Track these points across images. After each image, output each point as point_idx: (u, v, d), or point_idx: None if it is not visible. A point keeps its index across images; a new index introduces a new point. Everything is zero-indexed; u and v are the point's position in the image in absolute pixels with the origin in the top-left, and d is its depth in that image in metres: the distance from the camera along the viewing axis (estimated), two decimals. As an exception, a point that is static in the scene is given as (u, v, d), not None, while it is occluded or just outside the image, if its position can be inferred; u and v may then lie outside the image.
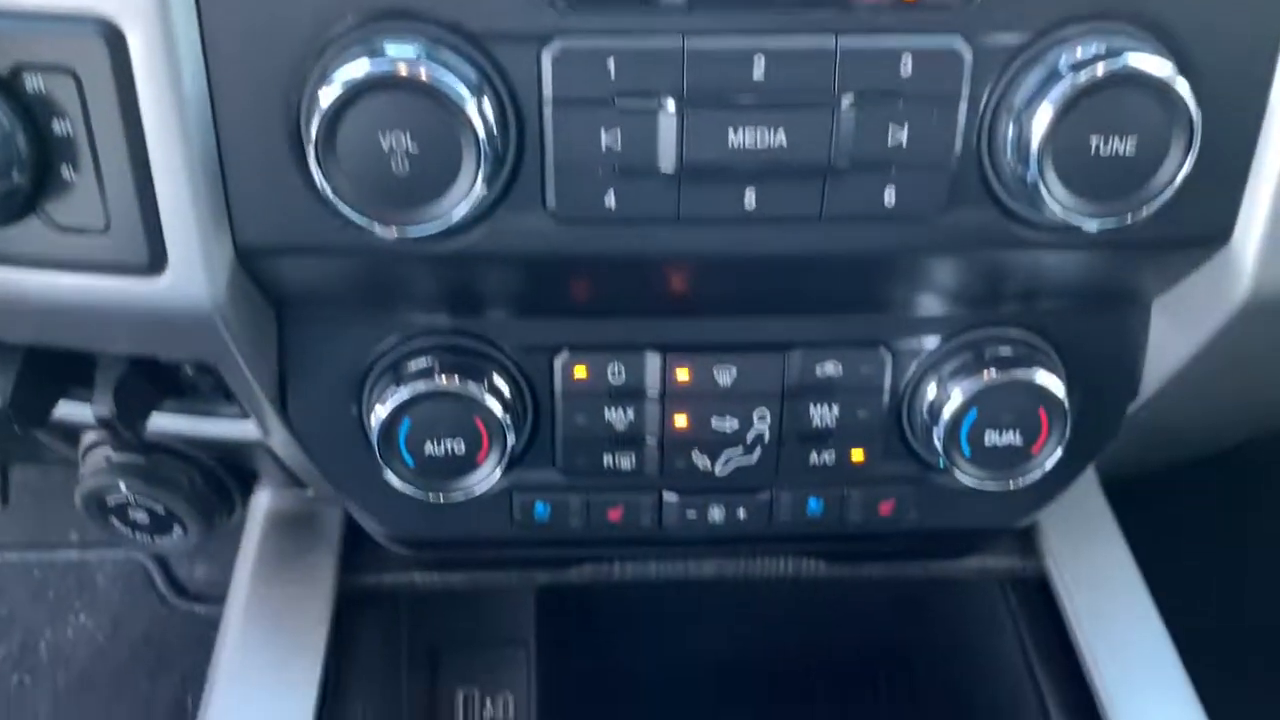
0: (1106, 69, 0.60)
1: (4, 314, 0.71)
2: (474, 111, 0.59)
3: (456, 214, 0.62)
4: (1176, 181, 0.63)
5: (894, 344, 0.79)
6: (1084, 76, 0.60)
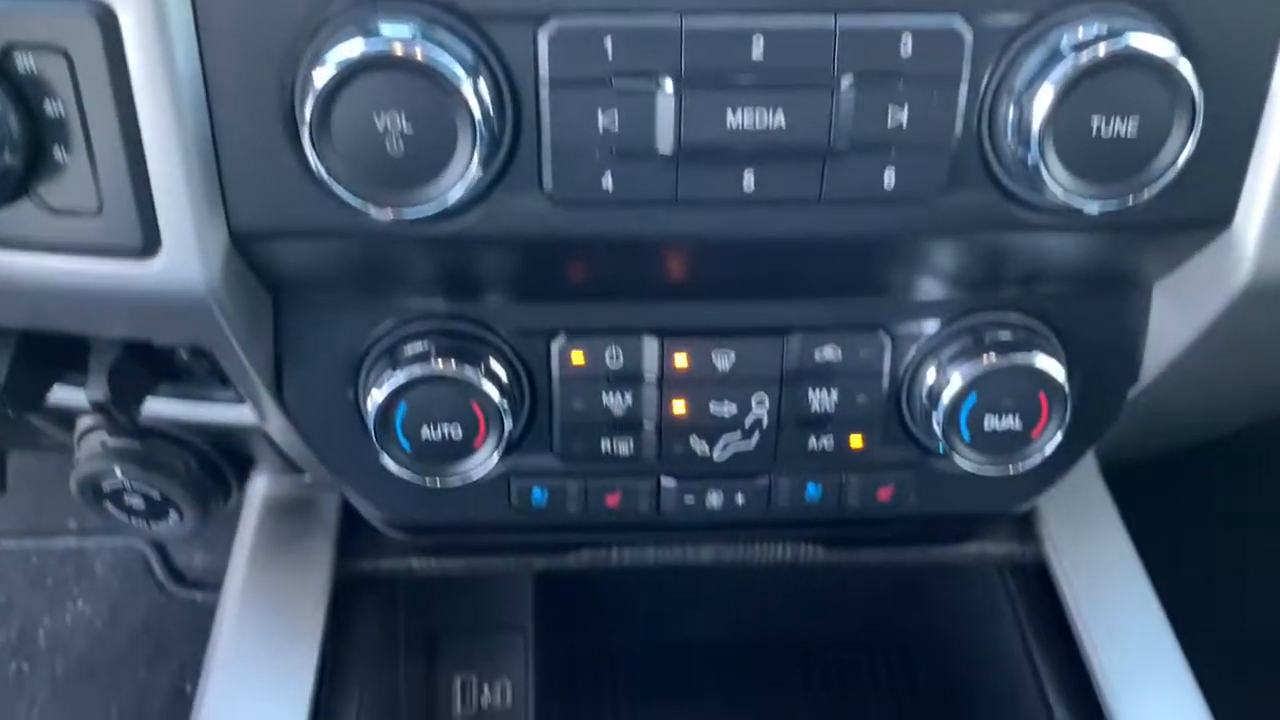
0: (1108, 49, 0.59)
1: (-3, 297, 0.71)
2: (469, 92, 0.59)
3: (452, 196, 0.61)
4: (1178, 163, 0.62)
5: (893, 328, 0.78)
6: (1085, 57, 0.59)
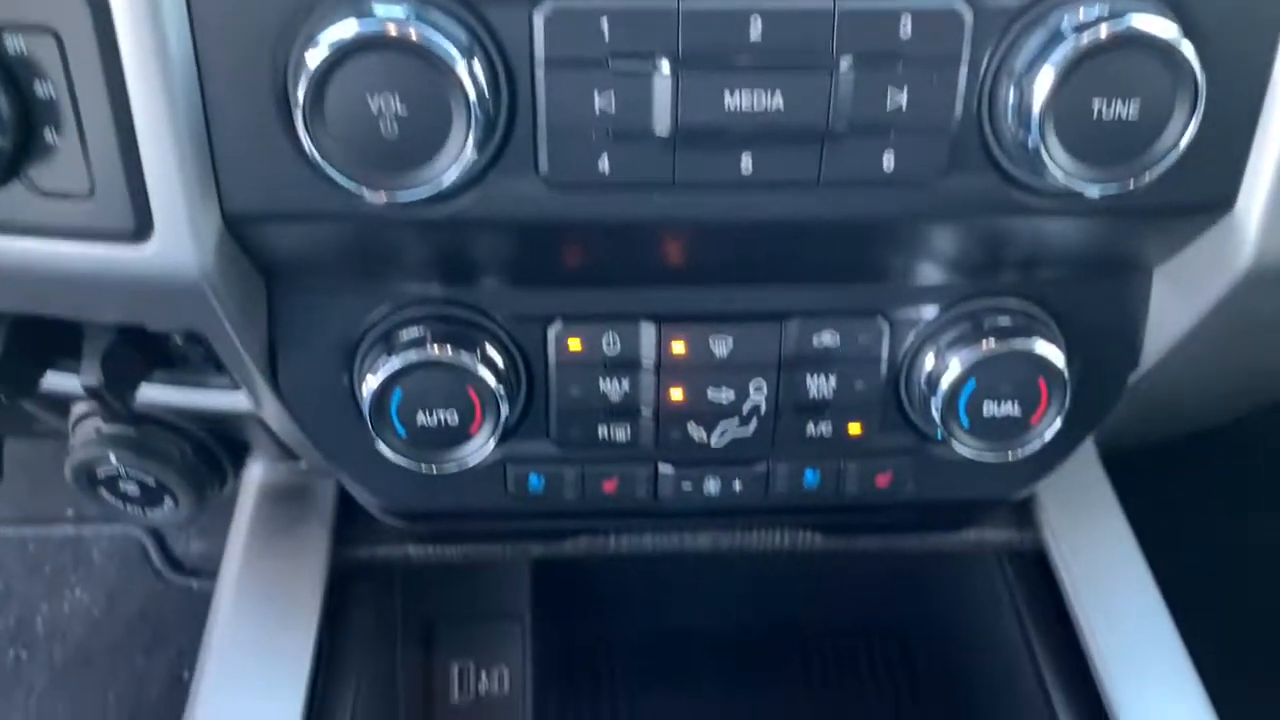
0: (1110, 30, 0.59)
1: (-12, 282, 0.70)
2: (464, 73, 0.58)
3: (447, 178, 0.61)
4: (1180, 146, 0.62)
5: (892, 314, 0.78)
6: (1087, 38, 0.59)
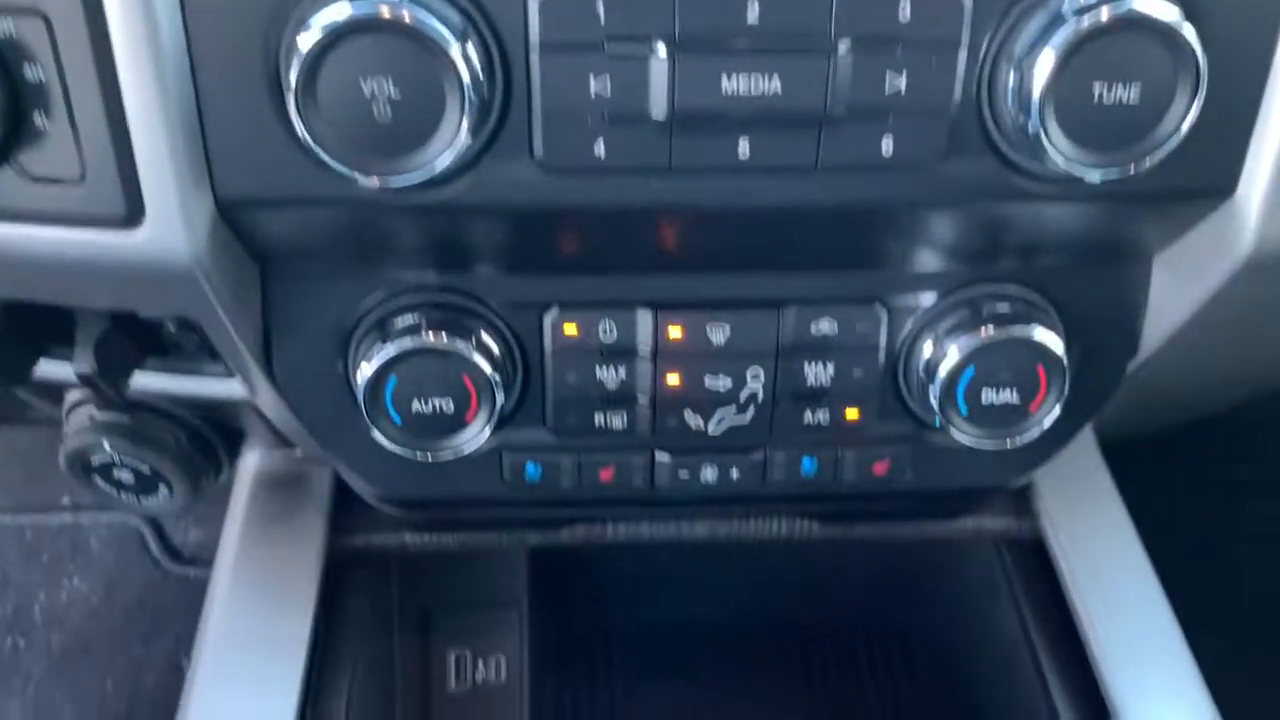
0: (1111, 13, 0.58)
1: (-21, 269, 0.70)
2: (458, 56, 0.57)
3: (440, 163, 0.60)
4: (1181, 131, 0.61)
5: (890, 301, 0.77)
6: (1087, 21, 0.58)
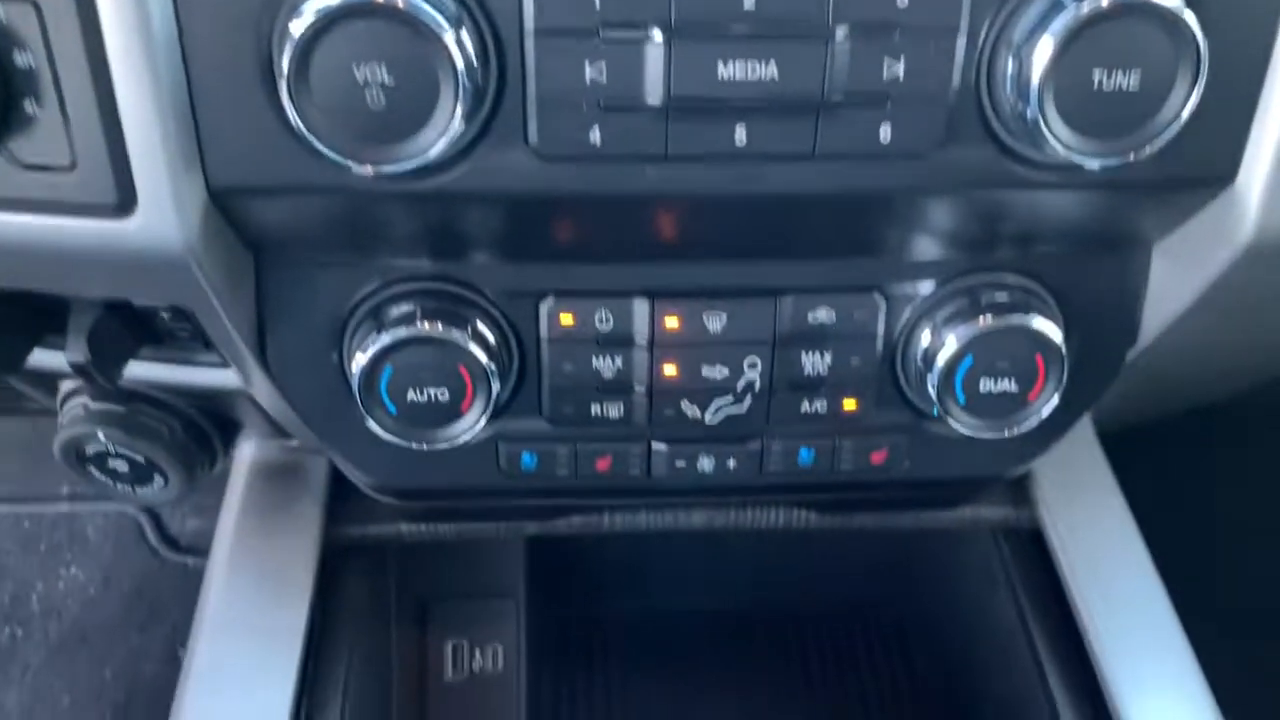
0: (1111, -1, 0.57)
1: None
2: (452, 42, 0.57)
3: (434, 150, 0.60)
4: (1182, 118, 0.61)
5: (888, 289, 0.77)
6: (1087, 7, 0.57)
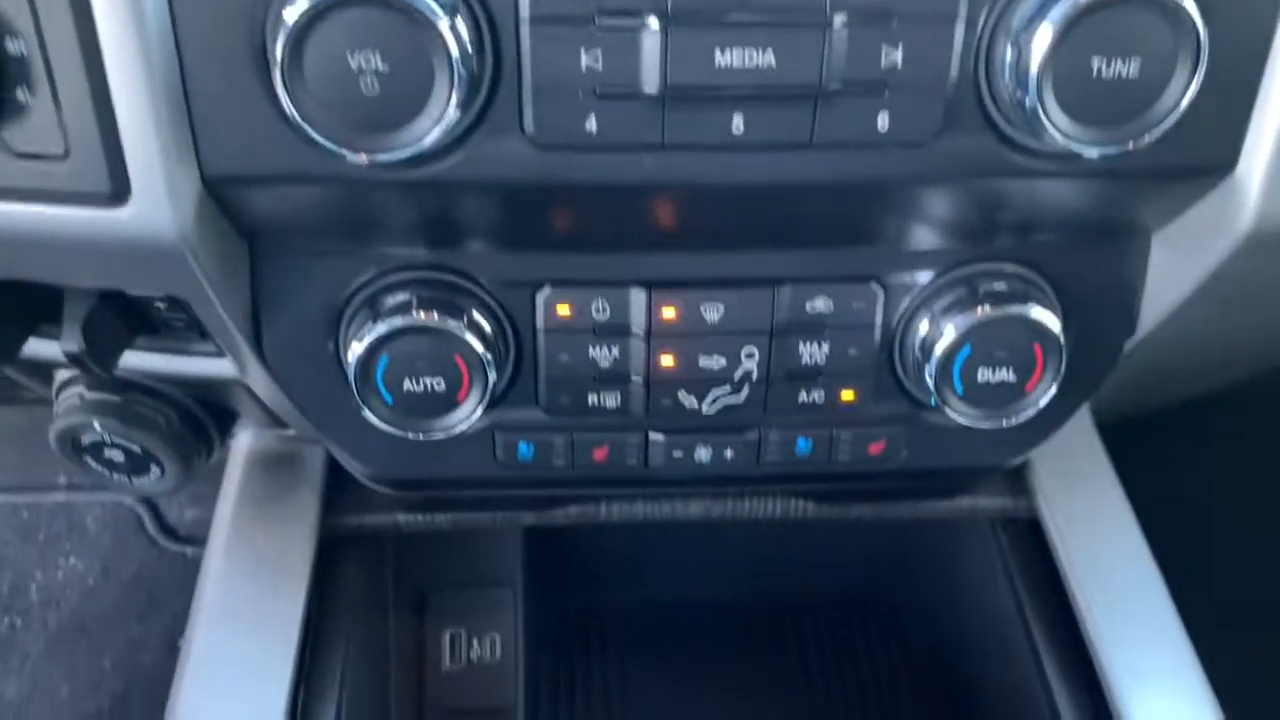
0: (1111, -14, 0.57)
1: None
2: (447, 29, 0.57)
3: (429, 139, 0.59)
4: (1181, 107, 0.61)
5: (886, 279, 0.77)
6: (1087, -7, 0.57)
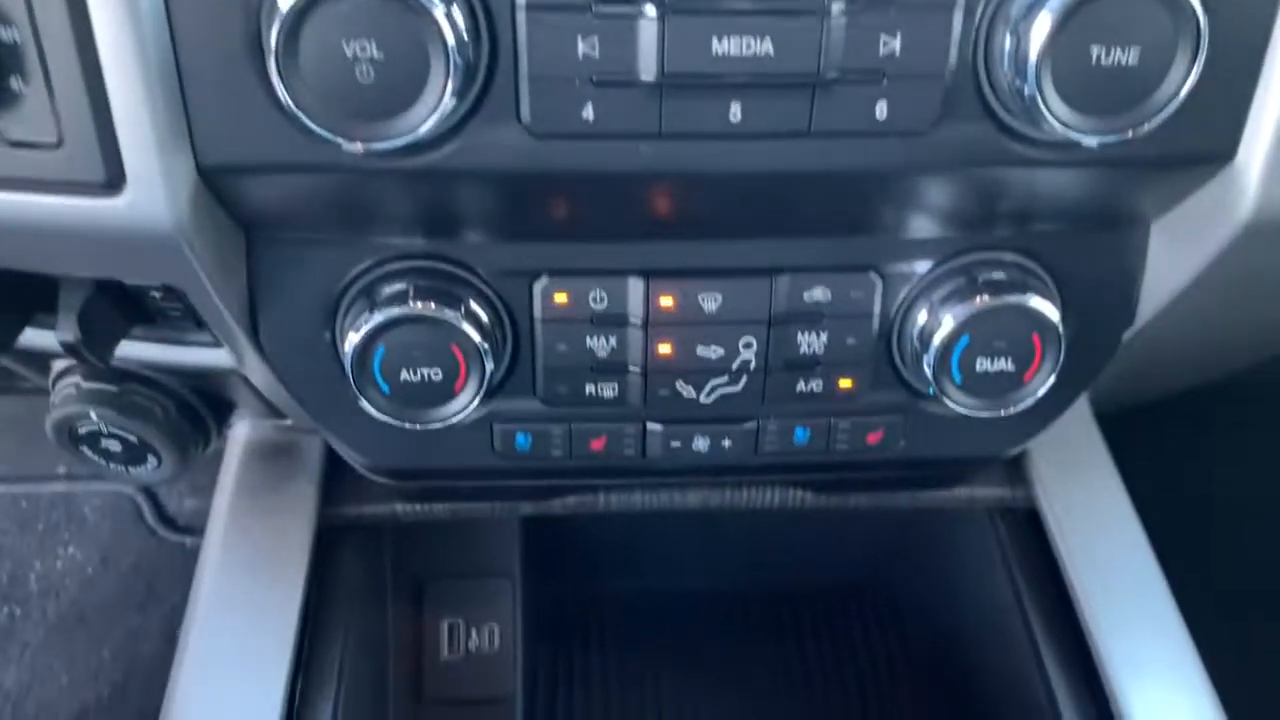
0: (1111, -28, 0.57)
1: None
2: (443, 17, 0.56)
3: (425, 127, 0.59)
4: (1181, 95, 0.60)
5: (884, 268, 0.77)
6: (1086, -19, 0.57)
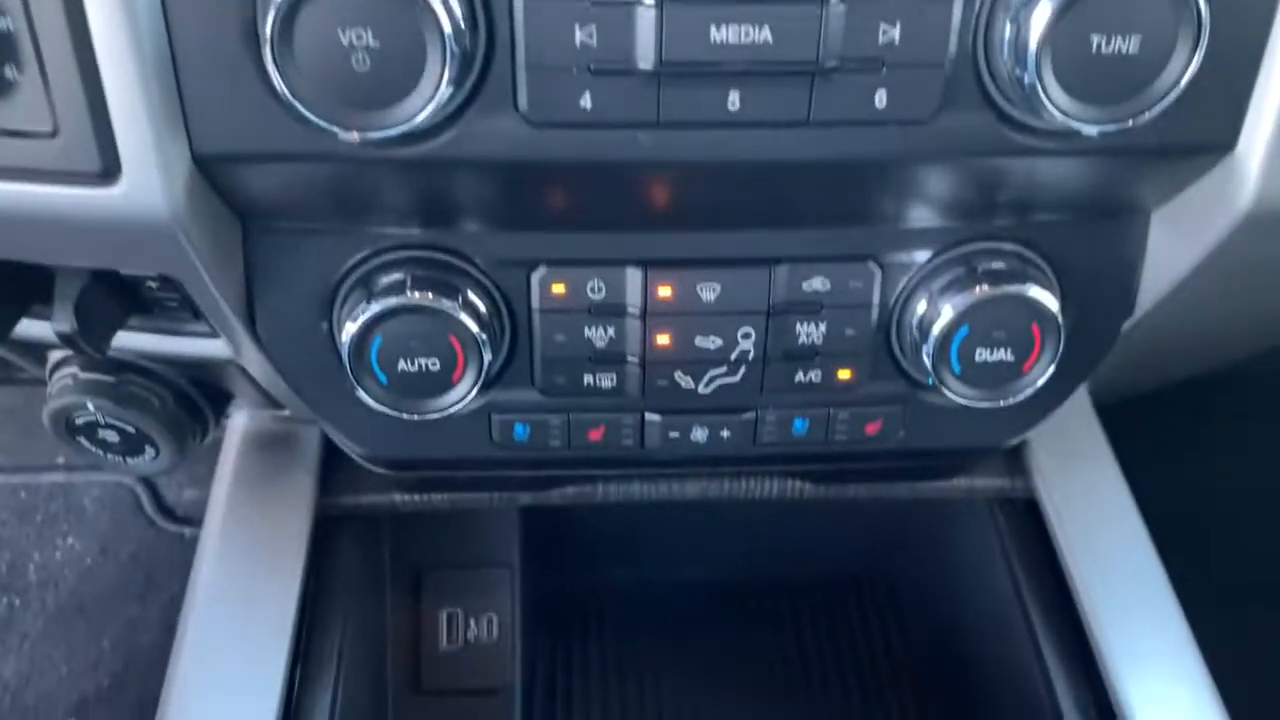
0: (1111, -39, 0.57)
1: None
2: (439, 5, 0.56)
3: (421, 116, 0.59)
4: (1181, 84, 0.60)
5: (883, 258, 0.76)
6: (1086, -31, 0.57)
